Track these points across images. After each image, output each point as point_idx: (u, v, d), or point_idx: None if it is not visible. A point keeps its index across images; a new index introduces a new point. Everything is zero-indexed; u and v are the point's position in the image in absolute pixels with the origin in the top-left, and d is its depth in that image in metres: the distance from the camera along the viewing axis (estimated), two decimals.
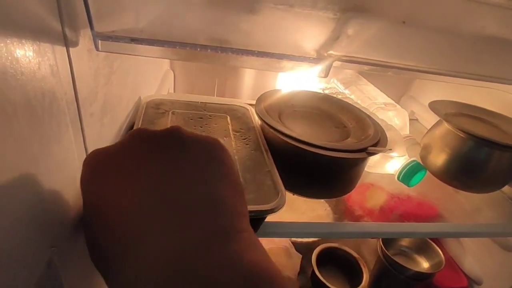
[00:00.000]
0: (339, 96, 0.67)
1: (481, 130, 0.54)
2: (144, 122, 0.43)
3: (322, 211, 0.50)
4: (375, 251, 0.79)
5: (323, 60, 0.29)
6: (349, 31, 0.28)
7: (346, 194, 0.48)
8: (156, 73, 0.66)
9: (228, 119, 0.49)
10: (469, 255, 0.77)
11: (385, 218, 0.53)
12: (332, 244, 0.81)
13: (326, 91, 0.74)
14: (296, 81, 0.82)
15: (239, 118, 0.50)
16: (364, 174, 0.48)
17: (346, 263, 0.80)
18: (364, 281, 0.75)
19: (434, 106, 0.58)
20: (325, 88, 0.76)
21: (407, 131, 0.64)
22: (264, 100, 0.50)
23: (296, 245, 0.80)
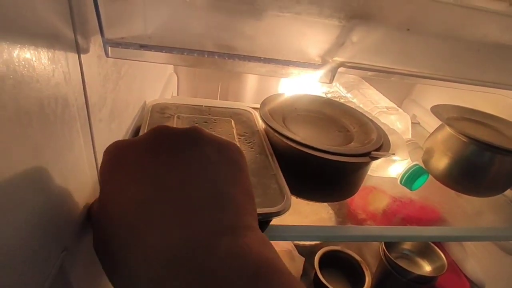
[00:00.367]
0: (341, 100, 0.67)
1: (483, 135, 0.54)
2: (150, 126, 0.44)
3: (325, 214, 0.50)
4: (377, 254, 0.79)
5: (328, 66, 0.29)
6: (353, 38, 0.28)
7: (349, 198, 0.48)
8: (160, 76, 0.66)
9: (233, 123, 0.50)
10: (471, 259, 0.77)
11: (387, 222, 0.54)
12: (334, 247, 0.81)
13: (328, 95, 0.74)
14: (299, 84, 0.83)
15: (244, 122, 0.51)
16: (367, 178, 0.48)
17: (348, 266, 0.80)
18: (367, 284, 0.75)
19: (436, 110, 0.58)
20: (327, 92, 0.76)
21: (409, 135, 0.65)
22: (268, 104, 0.51)
23: (299, 248, 0.81)
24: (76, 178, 0.24)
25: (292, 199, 0.35)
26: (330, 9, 0.26)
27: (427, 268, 0.77)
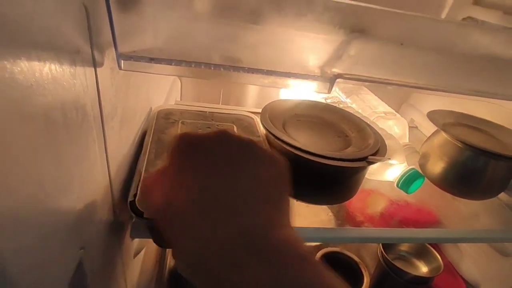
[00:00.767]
0: (340, 105, 0.69)
1: (477, 140, 0.56)
2: (156, 132, 0.46)
3: (324, 217, 0.52)
4: (375, 256, 0.80)
5: (326, 78, 0.31)
6: (351, 51, 0.30)
7: (348, 200, 0.50)
8: (165, 83, 0.68)
9: (235, 128, 0.51)
10: (467, 260, 0.78)
11: (385, 224, 0.55)
12: (333, 249, 0.83)
13: (328, 101, 0.76)
14: (299, 90, 0.84)
15: (245, 127, 0.52)
16: (365, 181, 0.50)
17: (347, 267, 0.82)
18: (365, 284, 0.76)
19: (433, 116, 0.60)
20: (327, 97, 0.78)
21: (407, 140, 0.67)
22: (269, 110, 0.52)
23: None
24: (91, 182, 0.26)
25: (292, 202, 0.37)
26: (329, 25, 0.28)
27: (423, 269, 0.79)
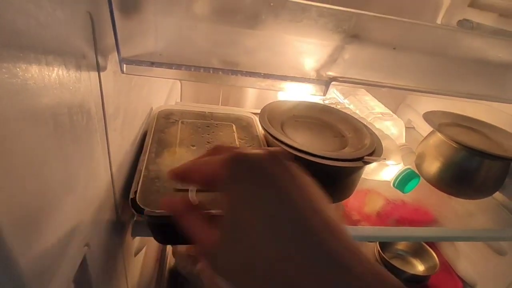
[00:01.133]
0: (338, 106, 0.70)
1: (472, 140, 0.57)
2: (156, 131, 0.47)
3: None
4: (372, 254, 0.82)
5: (322, 81, 0.32)
6: (345, 55, 0.31)
7: (345, 200, 0.51)
8: (165, 84, 0.69)
9: (234, 127, 0.52)
10: (463, 259, 0.79)
11: (381, 223, 0.56)
12: None
13: (326, 101, 0.77)
14: (296, 93, 0.85)
15: (244, 127, 0.53)
16: (362, 181, 0.51)
17: None
18: None
19: (428, 117, 0.61)
20: (325, 98, 0.79)
21: (403, 140, 0.67)
22: (268, 110, 0.53)
23: None
24: (95, 183, 0.27)
25: None
26: (324, 30, 0.29)
27: (420, 267, 0.80)
